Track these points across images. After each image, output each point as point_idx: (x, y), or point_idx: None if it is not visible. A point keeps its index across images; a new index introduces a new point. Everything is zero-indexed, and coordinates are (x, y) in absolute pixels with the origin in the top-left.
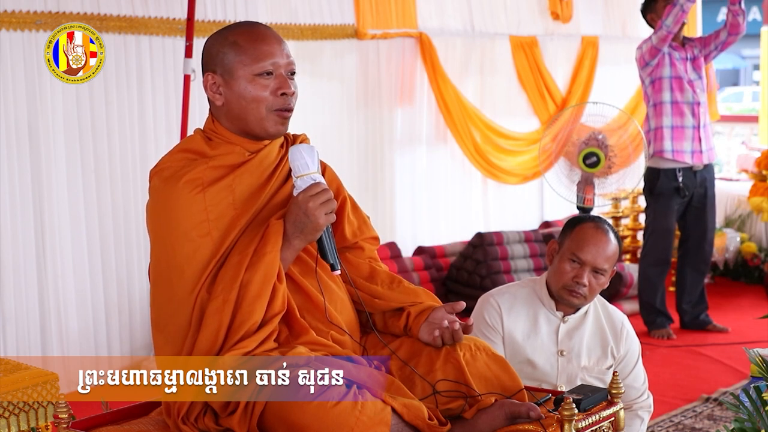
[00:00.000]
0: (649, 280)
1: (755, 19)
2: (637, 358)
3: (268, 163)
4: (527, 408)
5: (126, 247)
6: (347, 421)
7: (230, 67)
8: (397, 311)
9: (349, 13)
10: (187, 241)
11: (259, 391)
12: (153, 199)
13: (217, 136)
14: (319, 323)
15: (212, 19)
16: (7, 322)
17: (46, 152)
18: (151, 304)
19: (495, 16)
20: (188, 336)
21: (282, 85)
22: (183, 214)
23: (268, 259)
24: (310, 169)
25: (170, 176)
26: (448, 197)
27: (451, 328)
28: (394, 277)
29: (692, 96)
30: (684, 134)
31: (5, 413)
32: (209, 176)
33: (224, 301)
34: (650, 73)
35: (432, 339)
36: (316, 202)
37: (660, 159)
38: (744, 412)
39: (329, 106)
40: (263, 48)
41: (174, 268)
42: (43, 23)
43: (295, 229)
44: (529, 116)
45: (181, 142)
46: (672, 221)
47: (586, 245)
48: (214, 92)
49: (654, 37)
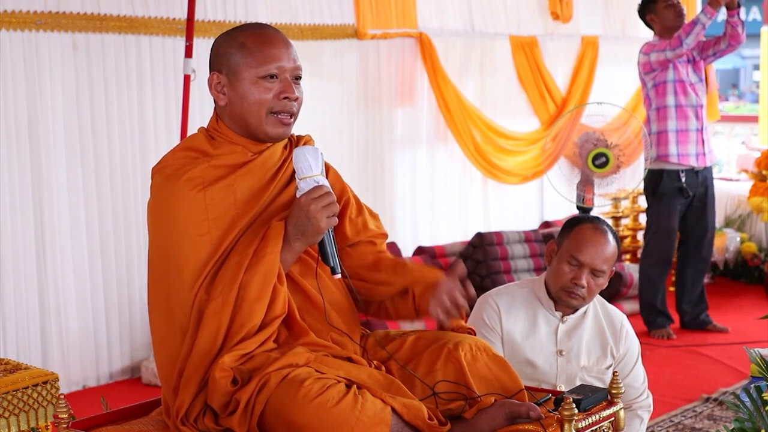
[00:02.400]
0: (650, 280)
1: (755, 19)
2: (637, 358)
3: (270, 165)
4: (527, 408)
5: (126, 247)
6: (347, 420)
7: (235, 68)
8: (403, 294)
9: (349, 13)
10: (186, 240)
11: (258, 390)
12: (153, 196)
13: (220, 135)
14: (318, 324)
15: (212, 19)
16: (7, 322)
17: (46, 152)
18: (149, 301)
19: (495, 16)
20: (187, 336)
21: (285, 89)
22: (183, 213)
23: (268, 260)
24: (314, 172)
25: (171, 174)
26: (448, 197)
27: (452, 301)
28: (398, 262)
29: (695, 99)
30: (689, 137)
31: (5, 413)
32: (210, 175)
33: (223, 302)
34: (654, 77)
35: (439, 319)
36: (318, 205)
37: (664, 163)
38: (744, 411)
39: (329, 106)
40: (270, 51)
41: (172, 266)
42: (43, 23)
43: (297, 232)
44: (529, 116)
45: (184, 141)
46: (675, 221)
47: (585, 247)
48: (218, 92)
49: (670, 53)
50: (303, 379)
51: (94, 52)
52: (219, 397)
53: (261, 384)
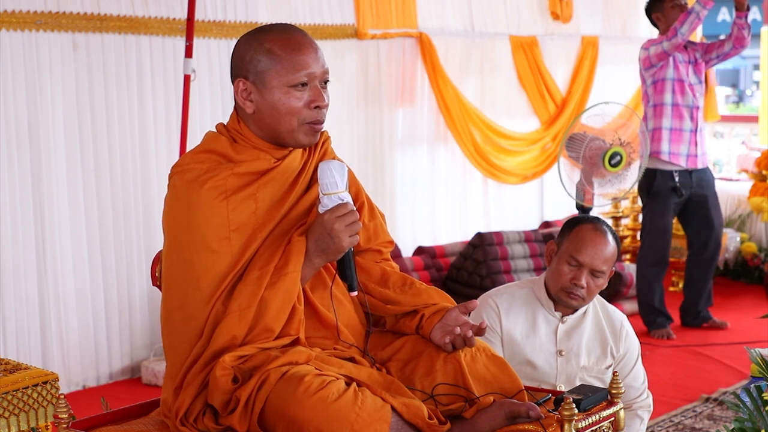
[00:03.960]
0: (646, 280)
1: (755, 19)
2: (637, 358)
3: (291, 170)
4: (527, 407)
5: (126, 247)
6: (347, 416)
7: (264, 76)
8: (410, 313)
9: (349, 13)
10: (206, 251)
11: (259, 387)
12: (173, 199)
13: (243, 139)
14: (325, 340)
15: (212, 19)
16: (7, 322)
17: (46, 152)
18: (162, 307)
19: (495, 16)
20: (197, 345)
21: (316, 97)
22: (205, 223)
23: (290, 279)
24: (339, 188)
25: (194, 179)
26: (448, 197)
27: (463, 334)
28: (405, 279)
29: (692, 100)
30: (681, 137)
31: (5, 413)
32: (234, 184)
33: (240, 318)
34: (653, 74)
35: (443, 344)
36: (342, 224)
37: (657, 160)
38: (744, 411)
39: (329, 106)
40: (299, 58)
41: (190, 275)
42: (43, 23)
43: (317, 248)
44: (529, 116)
45: (205, 142)
46: (669, 221)
47: (585, 247)
48: (245, 98)
49: (666, 44)
50: (303, 375)
51: (94, 52)
52: (220, 396)
53: (261, 381)
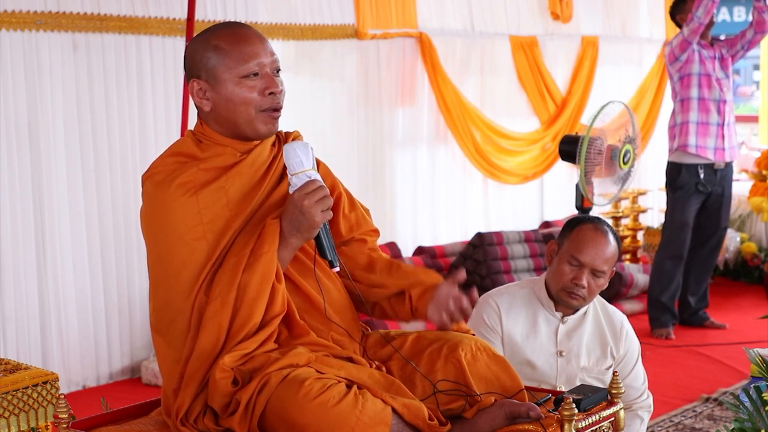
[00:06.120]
0: (662, 272)
1: None
2: (637, 358)
3: (260, 163)
4: (527, 408)
5: (126, 247)
6: (347, 420)
7: (215, 72)
8: (399, 296)
9: (349, 13)
10: (182, 245)
11: (259, 391)
12: (146, 204)
13: (207, 138)
14: (318, 324)
15: (212, 19)
16: (7, 322)
17: (46, 152)
18: (150, 308)
19: (495, 16)
20: (188, 338)
21: (269, 84)
22: (177, 218)
23: (266, 259)
24: (305, 167)
25: (162, 180)
26: (448, 197)
27: (457, 306)
28: (392, 263)
29: (719, 94)
30: (708, 131)
31: (5, 413)
32: (201, 178)
33: (222, 303)
34: (679, 69)
35: (441, 323)
36: (312, 200)
37: (683, 154)
38: (744, 412)
39: (329, 106)
40: (246, 49)
41: (171, 272)
42: (43, 23)
43: (292, 228)
44: (529, 116)
45: (172, 146)
46: (690, 216)
47: (585, 247)
48: (201, 98)
49: (686, 30)
50: (303, 378)
51: (94, 52)
52: (219, 398)
53: (261, 384)
